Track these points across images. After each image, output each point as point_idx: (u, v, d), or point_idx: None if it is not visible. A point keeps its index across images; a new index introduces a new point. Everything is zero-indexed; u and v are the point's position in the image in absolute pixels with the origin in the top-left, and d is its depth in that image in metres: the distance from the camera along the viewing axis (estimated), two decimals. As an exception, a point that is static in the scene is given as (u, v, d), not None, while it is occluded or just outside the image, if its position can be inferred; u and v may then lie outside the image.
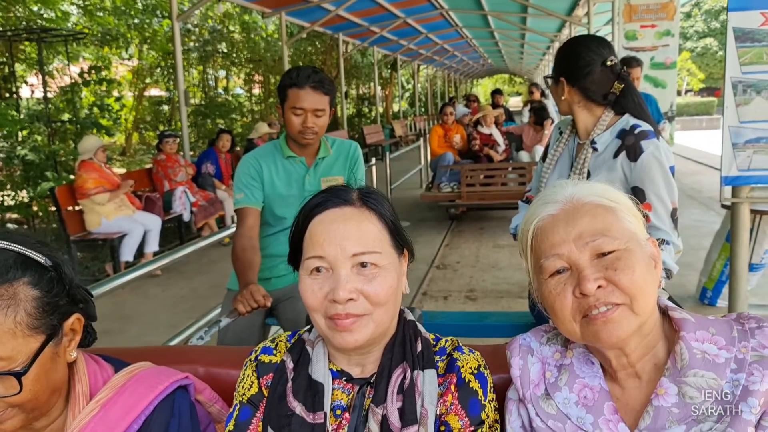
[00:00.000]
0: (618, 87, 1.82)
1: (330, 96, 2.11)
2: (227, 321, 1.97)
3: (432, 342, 1.05)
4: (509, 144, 8.05)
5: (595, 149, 1.83)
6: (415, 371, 0.98)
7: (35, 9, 10.48)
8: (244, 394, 1.02)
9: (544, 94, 9.84)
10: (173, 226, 6.74)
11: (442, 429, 0.95)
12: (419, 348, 1.01)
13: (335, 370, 1.01)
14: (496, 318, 2.41)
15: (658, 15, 8.01)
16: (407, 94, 28.17)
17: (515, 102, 45.25)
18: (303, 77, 2.05)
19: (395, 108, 24.46)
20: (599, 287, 0.88)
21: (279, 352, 1.06)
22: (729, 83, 2.90)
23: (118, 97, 12.34)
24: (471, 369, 0.99)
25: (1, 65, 9.35)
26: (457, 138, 7.78)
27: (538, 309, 1.96)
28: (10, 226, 7.56)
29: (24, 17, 10.07)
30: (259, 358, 1.05)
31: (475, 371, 0.99)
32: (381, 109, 21.10)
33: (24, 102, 10.14)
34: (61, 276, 0.93)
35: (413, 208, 8.41)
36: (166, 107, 16.07)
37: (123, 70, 15.57)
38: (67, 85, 9.87)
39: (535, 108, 8.02)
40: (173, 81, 14.33)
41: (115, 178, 5.87)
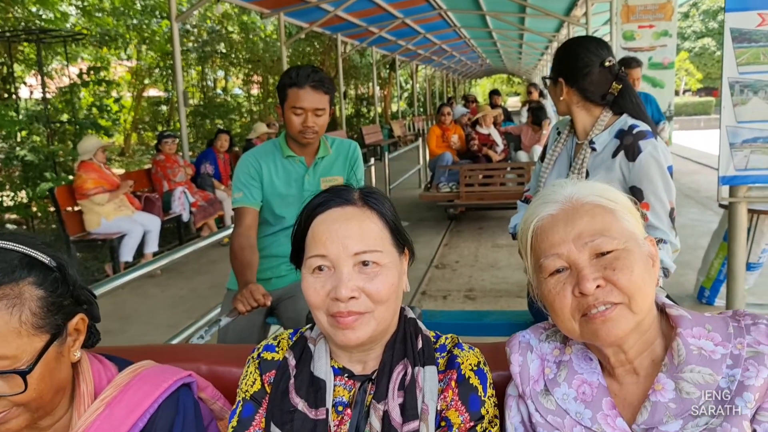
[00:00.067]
0: (616, 87, 1.83)
1: (330, 95, 2.11)
2: (227, 320, 1.97)
3: (432, 339, 1.06)
4: (507, 144, 8.06)
5: (594, 149, 1.84)
6: (416, 368, 0.99)
7: (34, 10, 10.48)
8: (246, 390, 1.03)
9: (542, 94, 9.85)
10: (172, 226, 6.73)
11: (442, 424, 0.97)
12: (420, 345, 1.03)
13: (337, 367, 1.02)
14: (495, 317, 2.42)
15: (655, 15, 8.04)
16: (406, 94, 28.18)
17: (513, 102, 45.32)
18: (303, 77, 2.04)
19: (394, 108, 24.45)
20: (598, 287, 0.89)
21: (281, 349, 1.07)
22: (726, 83, 2.92)
23: (117, 98, 12.33)
24: (471, 365, 1.01)
25: (0, 66, 9.35)
26: (455, 138, 7.79)
27: (536, 307, 1.97)
28: (9, 226, 7.56)
29: (23, 18, 10.07)
30: (262, 355, 1.06)
31: (475, 368, 1.01)
32: (380, 110, 21.11)
33: (23, 103, 10.15)
34: (66, 277, 0.94)
35: (412, 208, 8.41)
36: (164, 108, 16.07)
37: (122, 70, 15.56)
38: (66, 86, 9.87)
39: (534, 108, 8.03)
40: (172, 81, 14.33)
41: (115, 178, 5.87)
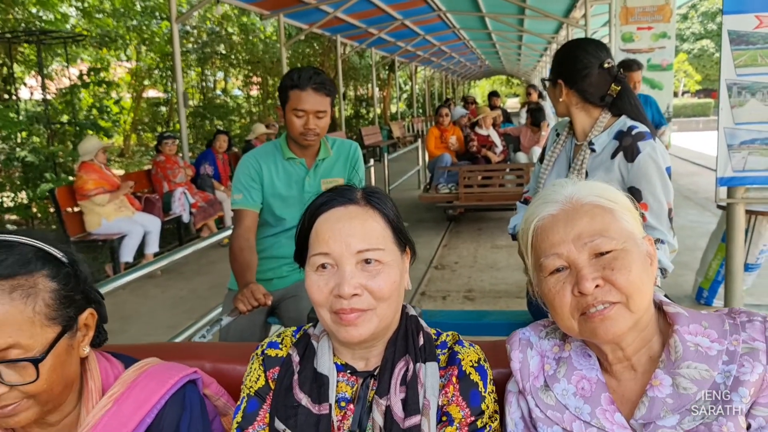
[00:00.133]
0: (615, 89, 1.85)
1: (331, 97, 2.11)
2: (228, 320, 1.99)
3: (433, 336, 1.08)
4: (506, 145, 8.08)
5: (593, 150, 1.85)
6: (418, 364, 1.01)
7: (34, 11, 10.49)
8: (251, 386, 1.05)
9: (541, 95, 9.87)
10: (172, 227, 6.74)
11: (443, 419, 0.99)
12: (421, 342, 1.04)
13: (340, 363, 1.04)
14: (494, 317, 2.43)
15: (654, 17, 8.05)
16: (405, 95, 28.20)
17: (512, 103, 45.32)
18: (304, 79, 2.04)
19: (393, 109, 24.46)
20: (597, 286, 0.91)
21: (285, 346, 1.09)
22: (724, 85, 2.93)
23: (117, 100, 12.34)
24: (471, 362, 1.02)
25: (0, 67, 9.36)
26: (453, 139, 7.80)
27: (535, 305, 1.98)
28: (9, 227, 7.56)
29: (23, 19, 10.08)
30: (266, 352, 1.08)
31: (476, 364, 1.03)
32: (379, 111, 21.13)
33: (23, 104, 10.16)
34: (77, 272, 0.96)
35: (411, 209, 8.43)
36: (164, 109, 16.08)
37: (121, 71, 15.57)
38: (66, 87, 9.89)
39: (533, 109, 8.04)
40: (171, 83, 14.35)
41: (115, 179, 5.88)
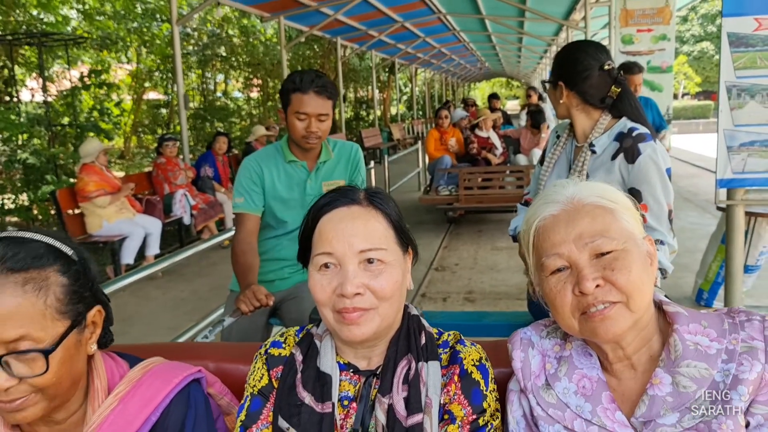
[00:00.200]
0: (615, 91, 1.86)
1: (333, 100, 2.11)
2: (231, 320, 2.00)
3: (435, 336, 1.09)
4: (507, 147, 8.09)
5: (594, 152, 1.86)
6: (420, 363, 1.02)
7: (35, 13, 10.52)
8: (254, 385, 1.06)
9: (541, 97, 9.89)
10: (173, 229, 6.75)
11: (445, 417, 0.99)
12: (423, 341, 1.05)
13: (342, 362, 1.05)
14: (494, 317, 2.43)
15: (654, 19, 8.07)
16: (405, 97, 28.23)
17: (512, 105, 45.38)
18: (306, 82, 2.04)
19: (393, 111, 24.50)
20: (597, 286, 0.92)
21: (288, 345, 1.10)
22: (723, 87, 2.94)
23: (117, 102, 12.36)
24: (473, 361, 1.03)
25: (1, 69, 9.38)
26: (453, 141, 7.82)
27: (536, 306, 1.99)
28: (10, 229, 7.57)
29: (24, 21, 10.11)
30: (269, 351, 1.09)
31: (477, 363, 1.03)
32: (379, 113, 21.15)
33: (24, 106, 10.17)
34: (86, 270, 0.99)
35: (411, 210, 8.44)
36: (164, 111, 16.10)
37: (122, 73, 15.60)
38: (67, 89, 9.90)
39: (532, 111, 8.06)
40: (172, 85, 14.38)
41: (116, 181, 5.90)
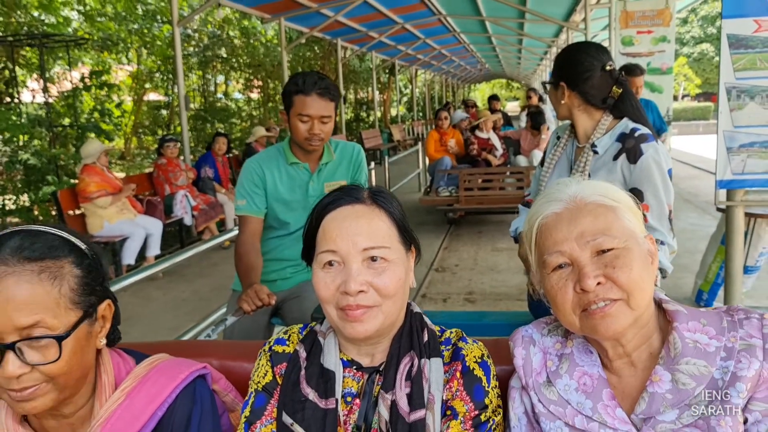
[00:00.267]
0: (616, 91, 1.87)
1: (335, 102, 2.12)
2: (233, 319, 2.01)
3: (437, 333, 1.10)
4: (507, 148, 8.11)
5: (596, 152, 1.87)
6: (422, 359, 1.03)
7: (36, 14, 10.53)
8: (258, 382, 1.07)
9: (541, 99, 9.90)
10: (174, 229, 6.77)
11: (448, 413, 1.01)
12: (426, 338, 1.07)
13: (346, 359, 1.06)
14: (495, 317, 2.43)
15: (654, 21, 8.07)
16: (405, 98, 28.25)
17: (513, 107, 45.41)
18: (309, 84, 2.04)
19: (393, 112, 24.52)
20: (599, 284, 0.93)
21: (292, 343, 1.11)
22: (723, 89, 2.95)
23: (118, 103, 12.38)
24: (475, 358, 1.05)
25: (3, 70, 9.40)
26: (452, 142, 7.83)
27: (536, 306, 2.00)
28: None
29: (25, 23, 10.12)
30: (273, 348, 1.10)
31: (479, 360, 1.05)
32: (379, 114, 21.17)
33: (25, 107, 10.19)
34: (98, 265, 1.01)
35: (412, 211, 8.45)
36: (164, 112, 16.13)
37: (123, 75, 15.62)
38: (68, 90, 9.92)
39: (533, 113, 8.07)
40: (172, 86, 14.40)
41: (117, 182, 5.91)
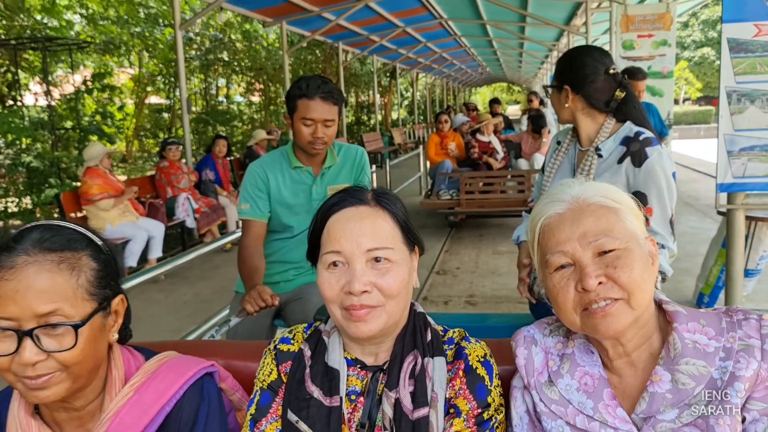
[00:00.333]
0: (619, 95, 1.87)
1: (339, 106, 2.13)
2: (236, 321, 2.03)
3: (441, 333, 1.12)
4: (508, 152, 8.11)
5: (600, 155, 1.87)
6: (426, 358, 1.05)
7: (39, 18, 10.58)
8: (264, 380, 1.09)
9: (542, 102, 9.92)
10: (176, 232, 6.78)
11: (451, 411, 1.02)
12: (429, 337, 1.08)
13: (350, 358, 1.08)
14: (496, 319, 2.44)
15: (654, 25, 8.09)
16: (406, 102, 28.30)
17: (513, 110, 45.44)
18: (313, 88, 2.05)
19: (394, 116, 24.57)
20: (600, 283, 0.95)
21: (296, 341, 1.13)
22: (724, 92, 2.97)
23: (120, 106, 12.43)
24: (478, 357, 1.06)
25: (5, 73, 9.43)
26: (453, 146, 7.84)
27: (537, 308, 2.00)
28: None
29: (28, 26, 10.16)
30: (278, 347, 1.12)
31: (482, 359, 1.06)
32: (380, 117, 21.20)
33: (27, 110, 10.22)
34: (114, 260, 1.04)
35: (413, 215, 8.22)
36: (166, 115, 16.17)
37: (125, 78, 15.67)
38: (70, 93, 9.96)
39: (533, 116, 8.08)
40: (174, 89, 14.43)
41: (119, 184, 5.93)
